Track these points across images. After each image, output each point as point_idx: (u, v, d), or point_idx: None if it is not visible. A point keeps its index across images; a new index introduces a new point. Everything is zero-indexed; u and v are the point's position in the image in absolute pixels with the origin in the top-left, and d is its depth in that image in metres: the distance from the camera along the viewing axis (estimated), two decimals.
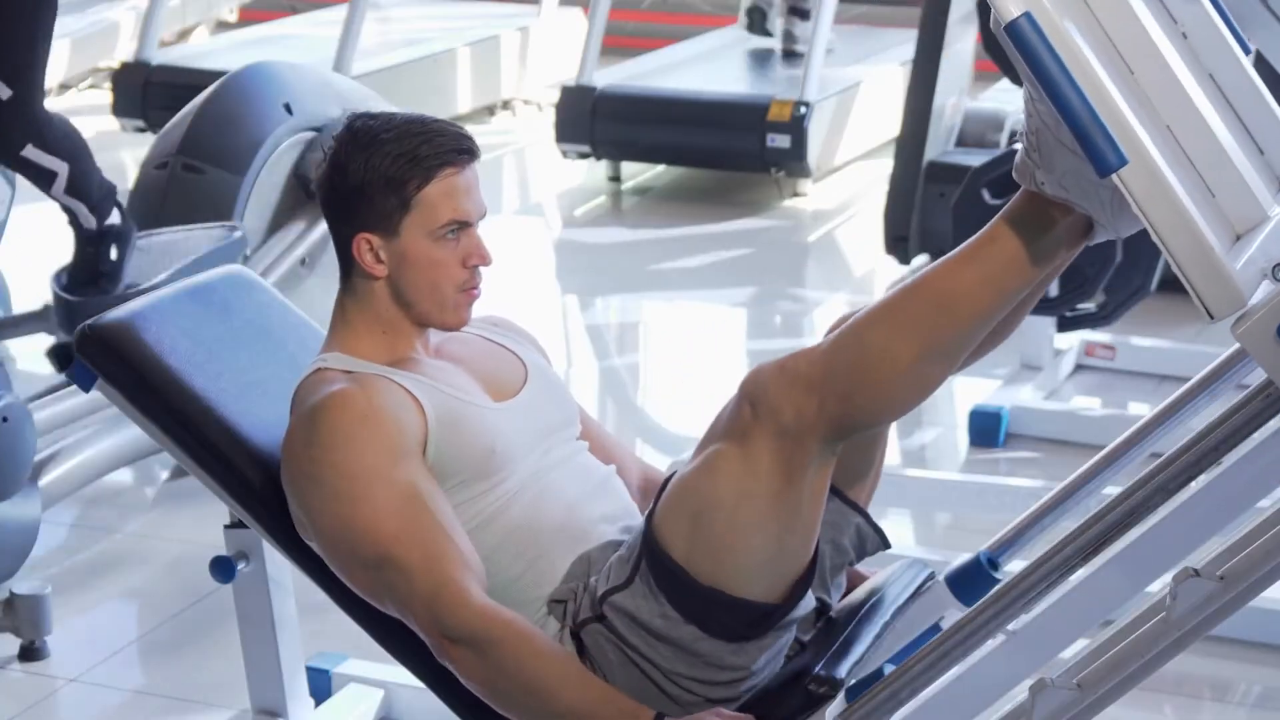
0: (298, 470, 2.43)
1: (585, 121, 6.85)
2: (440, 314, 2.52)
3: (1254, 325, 2.03)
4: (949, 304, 2.22)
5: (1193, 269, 2.03)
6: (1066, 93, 1.99)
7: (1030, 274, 2.24)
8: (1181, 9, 2.33)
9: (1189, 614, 2.08)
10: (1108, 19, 2.15)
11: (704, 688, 2.38)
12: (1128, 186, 2.03)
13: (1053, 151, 2.16)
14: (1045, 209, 2.21)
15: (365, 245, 2.49)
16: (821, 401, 2.23)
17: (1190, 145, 2.17)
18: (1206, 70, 2.32)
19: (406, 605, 2.38)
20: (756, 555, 2.30)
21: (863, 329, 2.25)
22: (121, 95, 7.10)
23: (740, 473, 2.27)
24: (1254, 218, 2.18)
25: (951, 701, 2.38)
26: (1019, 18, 1.98)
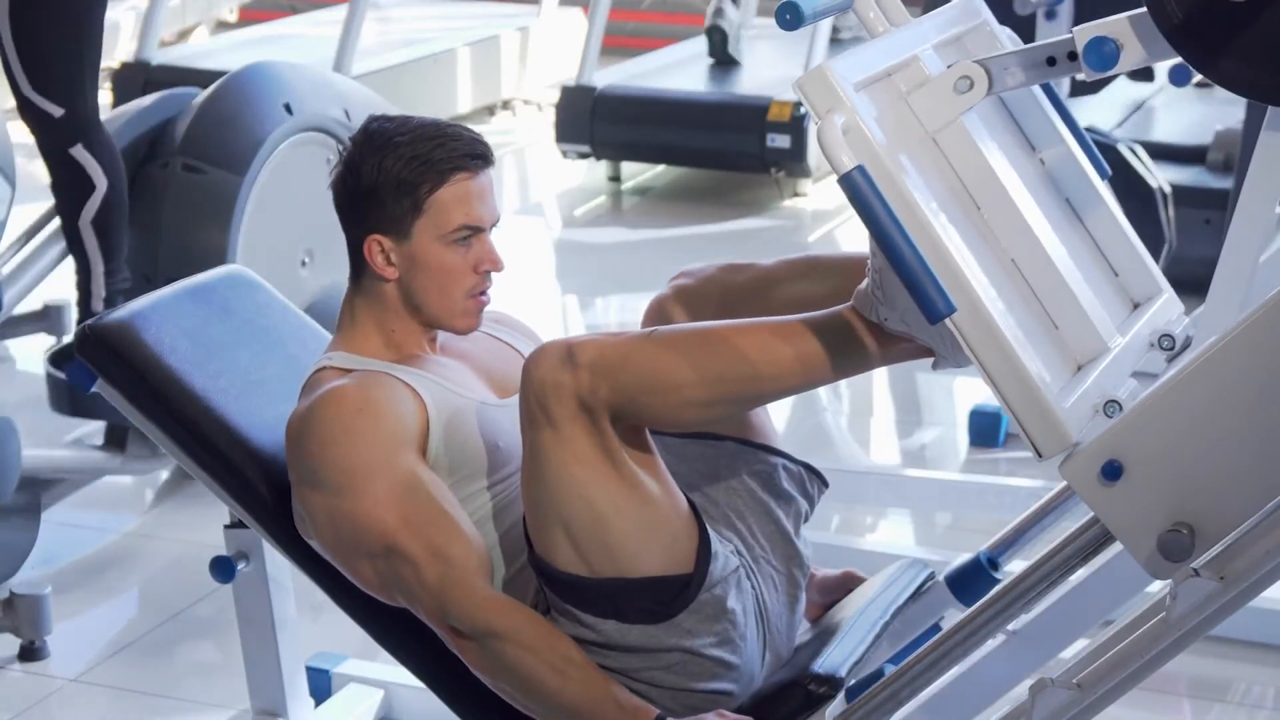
0: (298, 467, 2.44)
1: (585, 121, 6.85)
2: (450, 318, 2.52)
3: (1079, 465, 2.08)
4: (756, 370, 2.25)
5: (1021, 410, 2.10)
6: (898, 244, 2.03)
7: (840, 376, 2.30)
8: (1039, 137, 2.42)
9: (1189, 614, 2.08)
10: (955, 157, 2.24)
11: (666, 676, 2.37)
12: (959, 330, 2.09)
13: (896, 291, 2.20)
14: (876, 333, 2.26)
15: (377, 247, 2.49)
16: (596, 389, 2.25)
17: (1034, 278, 2.25)
18: (1064, 196, 2.37)
19: (412, 596, 2.38)
20: (630, 532, 2.30)
21: (668, 349, 2.27)
22: (121, 95, 7.10)
23: (566, 463, 2.27)
24: (1095, 349, 2.26)
25: (951, 701, 2.38)
26: (852, 171, 2.03)
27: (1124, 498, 2.06)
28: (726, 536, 2.44)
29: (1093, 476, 2.07)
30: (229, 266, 2.92)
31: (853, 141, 2.06)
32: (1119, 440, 2.06)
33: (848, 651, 2.45)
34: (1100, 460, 2.06)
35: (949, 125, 2.23)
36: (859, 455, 4.65)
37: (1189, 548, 2.05)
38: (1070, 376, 2.22)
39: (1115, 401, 2.14)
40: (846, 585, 2.71)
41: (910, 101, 2.23)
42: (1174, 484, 2.05)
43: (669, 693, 2.37)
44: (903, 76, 2.23)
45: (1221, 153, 5.63)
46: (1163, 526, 2.06)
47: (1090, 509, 2.13)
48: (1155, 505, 2.06)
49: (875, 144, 2.08)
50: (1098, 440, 2.07)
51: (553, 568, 2.33)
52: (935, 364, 2.28)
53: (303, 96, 4.40)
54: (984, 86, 2.20)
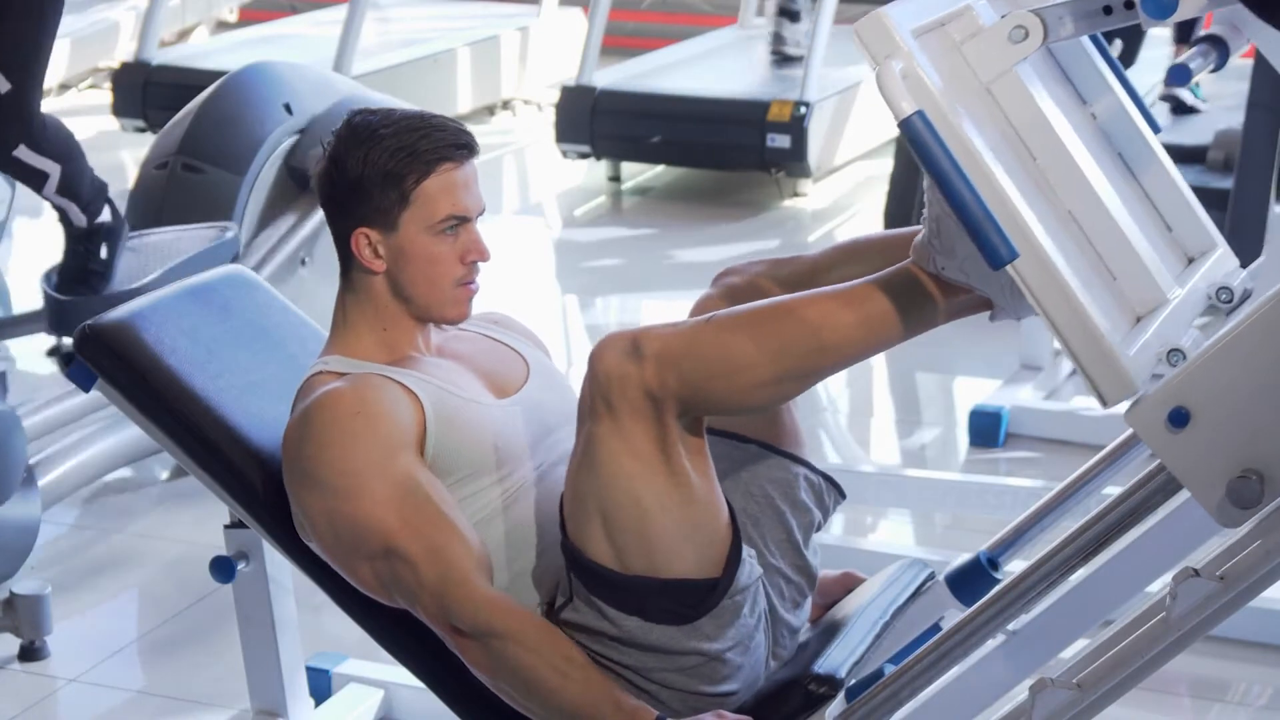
0: (295, 470, 2.44)
1: (585, 121, 6.85)
2: (439, 309, 2.52)
3: (1144, 412, 2.07)
4: (820, 340, 2.24)
5: (1085, 358, 2.09)
6: (959, 189, 2.02)
7: (909, 334, 2.28)
8: (1091, 91, 2.39)
9: (1189, 614, 2.08)
10: (1010, 107, 2.21)
11: (679, 678, 2.37)
12: (1022, 278, 2.08)
13: (954, 238, 2.19)
14: (933, 285, 2.25)
15: (364, 240, 2.49)
16: (665, 379, 2.24)
17: (1092, 229, 2.22)
18: (1116, 150, 2.36)
19: (413, 597, 2.38)
20: (672, 532, 2.30)
21: (730, 331, 2.26)
22: (121, 95, 7.11)
23: (620, 457, 2.27)
24: (1154, 300, 2.24)
25: (951, 701, 2.38)
26: (911, 115, 2.02)
27: (1191, 445, 2.05)
28: None
29: (1159, 423, 2.05)
30: (229, 266, 2.92)
31: (911, 87, 2.04)
32: (1186, 387, 2.04)
33: (848, 651, 2.45)
34: (1167, 407, 2.05)
35: (1003, 75, 2.19)
36: (859, 455, 4.65)
37: (1259, 494, 2.03)
38: (1130, 328, 2.19)
39: (1179, 350, 2.12)
40: (846, 585, 2.71)
41: (964, 51, 2.20)
42: (1242, 430, 2.03)
43: (678, 694, 2.37)
44: (956, 26, 2.20)
45: (1221, 152, 5.63)
46: (1231, 473, 2.04)
47: (1155, 458, 2.11)
48: (1223, 452, 2.04)
49: (934, 89, 2.06)
50: (1164, 387, 2.05)
51: (585, 556, 2.33)
52: (993, 315, 2.27)
53: (303, 96, 4.40)
54: (1039, 36, 2.16)
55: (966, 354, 5.02)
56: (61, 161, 4.00)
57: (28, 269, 5.23)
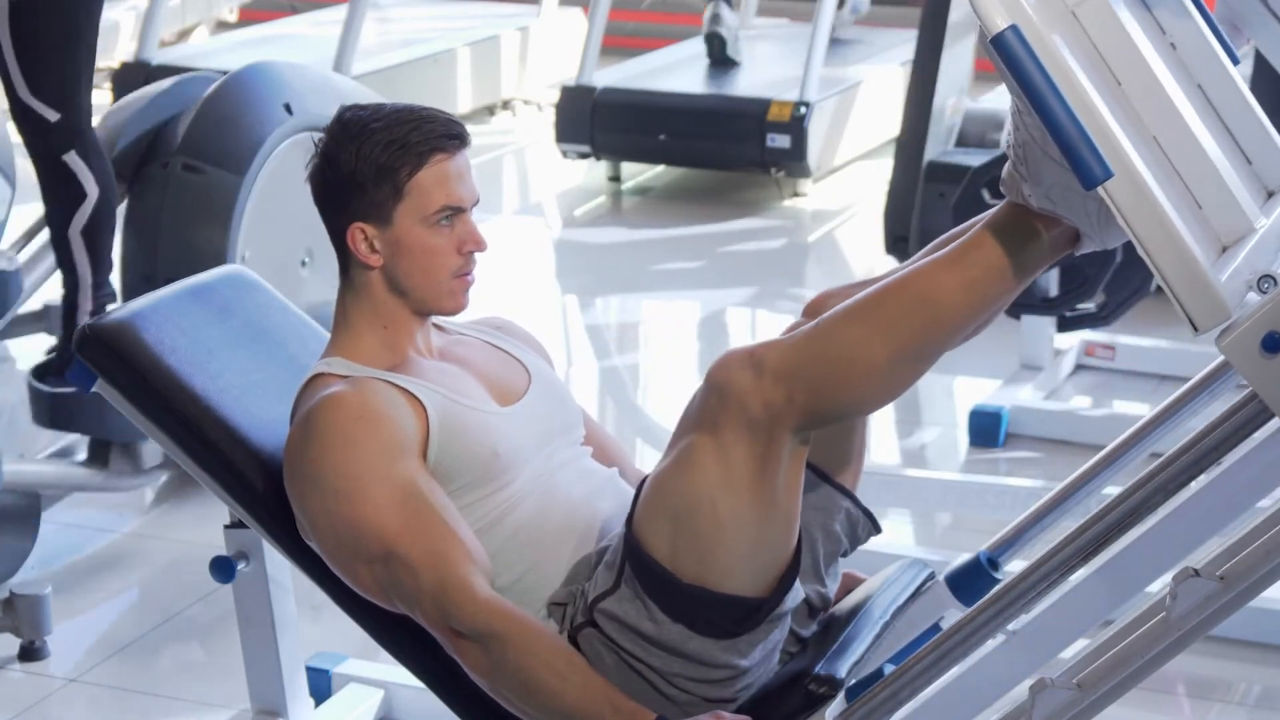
0: (297, 474, 2.43)
1: (585, 121, 6.85)
2: (436, 300, 2.52)
3: (1238, 338, 2.05)
4: (929, 308, 2.22)
5: (1178, 282, 2.05)
6: (1053, 106, 2.00)
7: (1013, 282, 2.24)
8: (1171, 21, 2.34)
9: (1189, 614, 2.08)
10: (1095, 31, 2.16)
11: (700, 686, 2.37)
12: (1113, 199, 2.04)
13: (1040, 164, 2.16)
14: (1030, 220, 2.21)
15: (360, 235, 2.49)
16: (790, 393, 2.23)
17: (1177, 157, 2.18)
18: (1195, 81, 2.33)
19: (413, 602, 2.38)
20: (739, 550, 2.29)
21: (839, 324, 2.24)
22: (121, 95, 7.09)
23: (715, 468, 2.26)
24: (1240, 229, 2.20)
25: (951, 701, 2.38)
26: (1005, 30, 1.99)
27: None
28: None
29: (1253, 349, 2.03)
30: (229, 266, 2.92)
31: (1006, 1, 2.01)
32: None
33: (848, 651, 2.45)
34: (1261, 332, 2.02)
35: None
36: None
37: None
38: (1218, 256, 2.16)
39: (1270, 276, 2.09)
40: (846, 585, 2.71)
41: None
42: None
43: (694, 700, 2.38)
44: None
45: None
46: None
47: (1248, 384, 2.08)
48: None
49: (1028, 6, 2.03)
50: (1259, 312, 2.03)
51: (644, 551, 2.32)
52: (1079, 246, 2.23)
53: (303, 96, 4.40)
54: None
55: (966, 354, 5.00)
56: (101, 190, 3.96)
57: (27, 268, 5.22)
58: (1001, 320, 2.57)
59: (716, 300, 5.81)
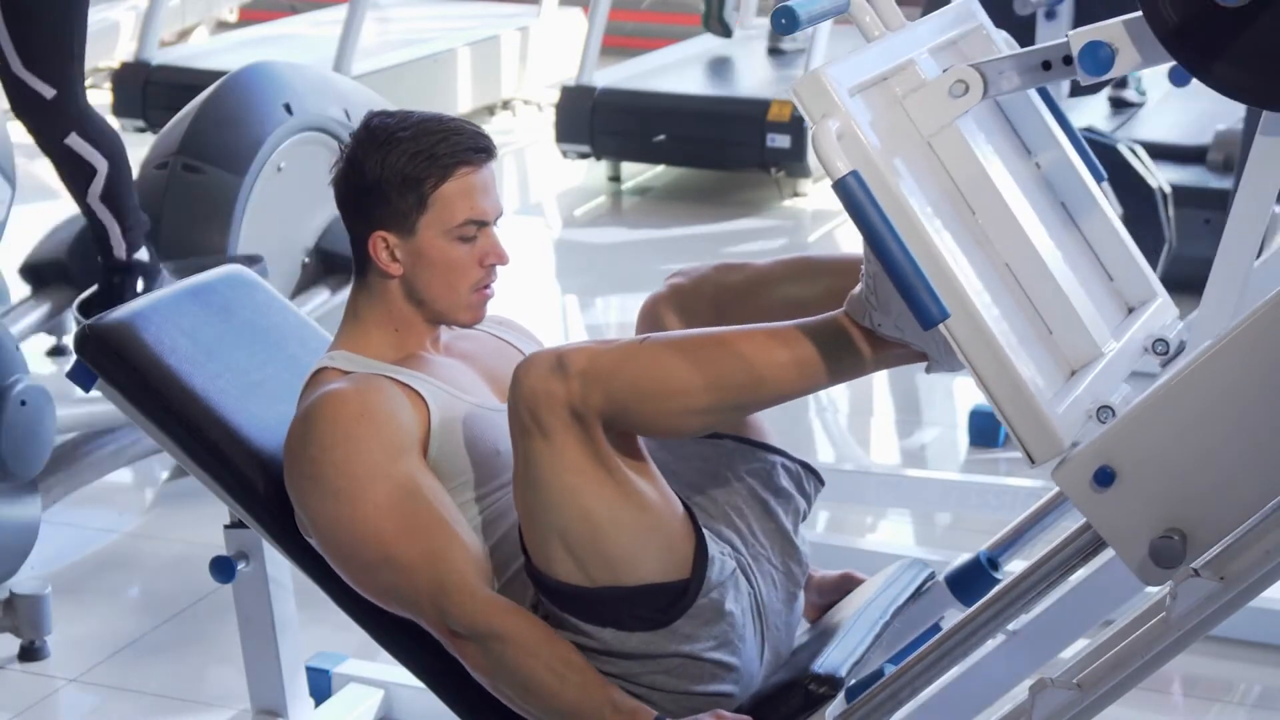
0: (297, 471, 2.44)
1: (585, 121, 6.85)
2: (454, 312, 2.52)
3: (1071, 470, 2.08)
4: (755, 376, 2.24)
5: (1014, 415, 2.09)
6: (892, 249, 2.03)
7: (839, 380, 2.29)
8: (1035, 141, 2.41)
9: (1189, 614, 2.08)
10: (950, 161, 2.24)
11: (666, 680, 2.37)
12: (953, 335, 2.09)
13: (890, 296, 2.19)
14: (871, 339, 2.25)
15: (381, 244, 2.49)
16: (588, 394, 2.23)
17: (1029, 283, 2.24)
18: (1060, 200, 2.38)
19: (412, 601, 2.38)
20: (628, 540, 2.29)
21: (665, 356, 2.25)
22: (121, 95, 7.11)
23: (559, 473, 2.26)
24: (1089, 354, 2.25)
25: (951, 701, 2.38)
26: (846, 176, 2.03)
27: (1116, 504, 2.07)
28: (726, 535, 2.44)
29: (1085, 482, 2.07)
30: (229, 266, 2.92)
31: (847, 147, 2.06)
32: (1111, 446, 2.06)
33: (848, 651, 2.45)
34: (1093, 466, 2.07)
35: (944, 129, 2.23)
36: (859, 455, 4.65)
37: (1180, 554, 2.05)
38: (1064, 382, 2.21)
39: (1108, 407, 2.14)
40: (845, 587, 2.71)
41: (906, 105, 2.23)
42: (1166, 490, 2.05)
43: (670, 695, 2.37)
44: (898, 80, 2.23)
45: (1221, 153, 5.62)
46: (1155, 533, 2.06)
47: (1082, 515, 2.13)
48: (1147, 511, 2.06)
49: (870, 149, 2.08)
50: (1090, 446, 2.07)
51: (551, 578, 2.33)
52: (929, 368, 2.28)
53: (303, 96, 4.40)
54: (979, 91, 2.20)
55: None
56: (110, 160, 4.00)
57: None
58: None
59: None
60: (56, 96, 3.92)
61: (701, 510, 2.43)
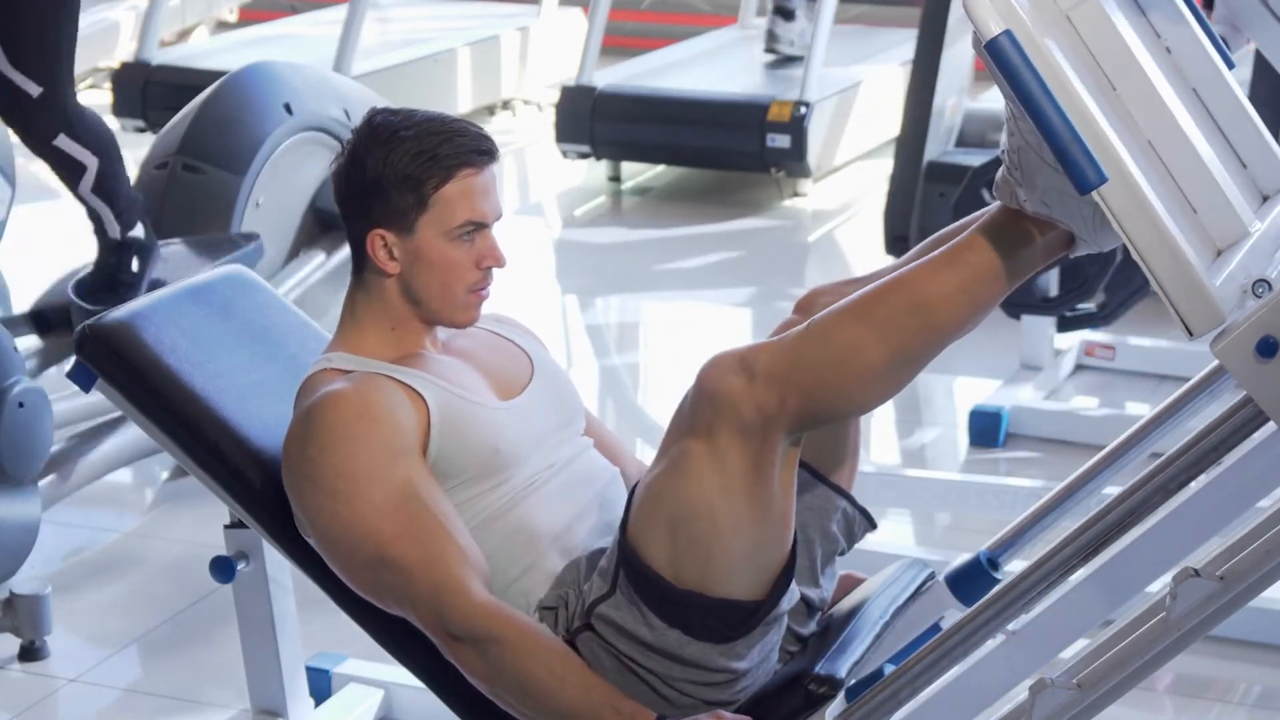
0: (296, 472, 2.43)
1: (585, 121, 6.85)
2: (450, 313, 2.52)
3: (1232, 342, 2.04)
4: (924, 311, 2.21)
5: (1172, 286, 2.05)
6: (1047, 111, 2.00)
7: (1007, 285, 2.24)
8: (1166, 25, 2.34)
9: (1189, 614, 2.08)
10: (1090, 36, 2.16)
11: (698, 689, 2.37)
12: (1108, 204, 2.04)
13: (1034, 169, 2.16)
14: (1024, 224, 2.21)
15: (379, 242, 2.48)
16: (783, 396, 2.22)
17: (1172, 161, 2.18)
18: (1190, 86, 2.33)
19: (409, 604, 2.38)
20: (737, 554, 2.29)
21: (832, 326, 2.23)
22: (121, 95, 7.10)
23: (711, 474, 2.25)
24: (1235, 233, 2.20)
25: (951, 701, 2.38)
26: (999, 35, 1.99)
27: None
28: None
29: (1248, 354, 2.03)
30: (229, 267, 2.92)
31: (1000, 7, 2.01)
32: (1275, 316, 2.02)
33: (848, 651, 2.45)
34: (1255, 336, 2.02)
35: (1083, 2, 2.16)
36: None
37: None
38: (1212, 261, 2.16)
39: (1265, 281, 2.09)
40: (846, 586, 2.71)
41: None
42: None
43: (695, 703, 2.38)
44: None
45: None
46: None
47: (1242, 389, 2.09)
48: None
49: (1021, 10, 2.03)
50: (1253, 316, 2.03)
51: (640, 558, 2.32)
52: (1074, 249, 2.23)
53: (303, 96, 4.40)
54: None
55: (966, 354, 5.01)
56: (100, 155, 3.98)
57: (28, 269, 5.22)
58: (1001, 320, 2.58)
59: (716, 300, 5.81)
60: (43, 94, 3.88)
61: None
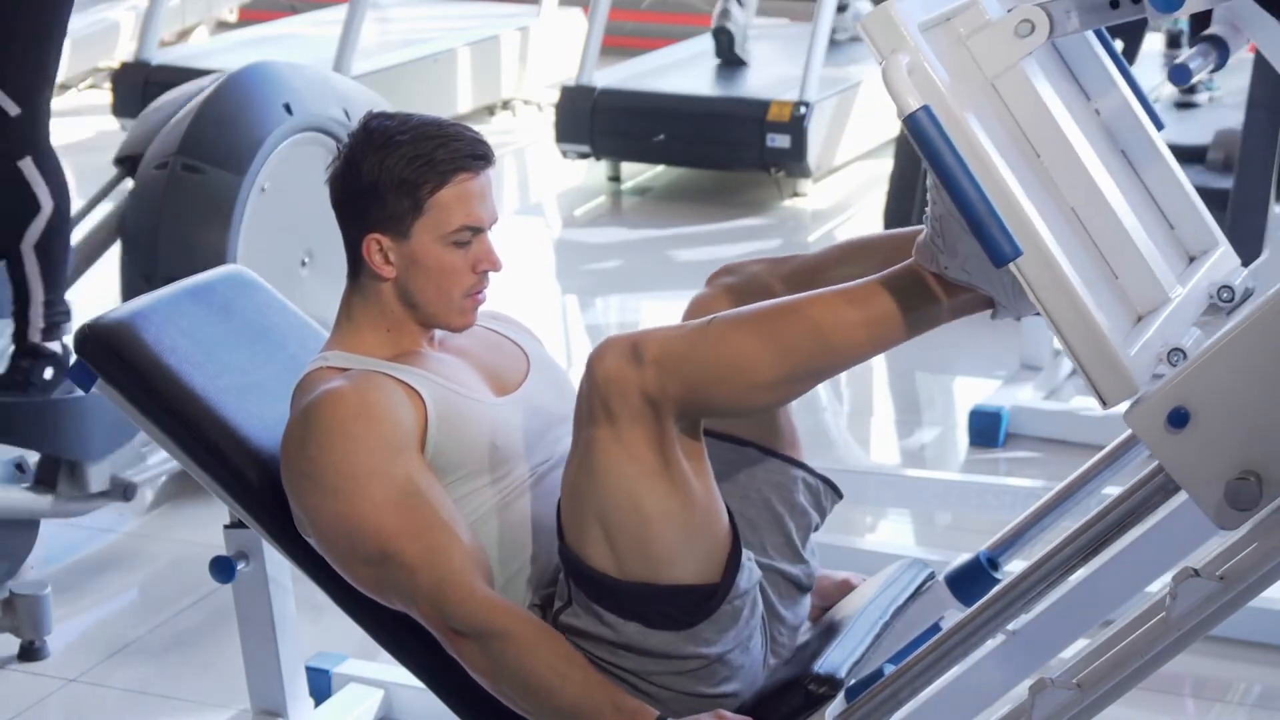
0: (295, 470, 2.43)
1: (585, 121, 6.85)
2: (446, 317, 2.52)
3: (1144, 413, 2.07)
4: (825, 339, 2.24)
5: (1086, 357, 2.08)
6: (964, 185, 2.02)
7: (912, 334, 2.27)
8: (1095, 87, 2.38)
9: (1189, 614, 2.08)
10: (1015, 104, 2.21)
11: (678, 680, 2.37)
12: (1024, 275, 2.07)
13: (956, 237, 2.18)
14: (935, 284, 2.24)
15: (375, 246, 2.49)
16: (665, 384, 2.23)
17: (1095, 227, 2.22)
18: (1119, 147, 2.36)
19: (410, 600, 2.38)
20: (671, 538, 2.29)
21: (733, 332, 2.25)
22: (121, 95, 7.10)
23: (619, 461, 2.26)
24: (1156, 299, 2.24)
25: (951, 701, 2.38)
26: (917, 111, 2.01)
27: (1191, 446, 2.05)
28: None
29: (1159, 424, 2.05)
30: (229, 266, 2.92)
31: (918, 81, 2.04)
32: (1186, 387, 2.04)
33: (848, 651, 2.45)
34: (1167, 407, 2.04)
35: (1009, 70, 2.19)
36: (859, 455, 4.65)
37: (1257, 496, 2.03)
38: (1132, 327, 2.19)
39: (1180, 350, 2.12)
40: (846, 587, 2.71)
41: (970, 46, 2.20)
42: (1242, 431, 2.03)
43: (677, 695, 2.37)
44: (963, 20, 2.20)
45: (1221, 153, 5.62)
46: (1230, 474, 2.04)
47: (1153, 459, 2.11)
48: (1222, 453, 2.04)
49: (940, 84, 2.05)
50: (1164, 387, 2.05)
51: (584, 563, 2.33)
52: (995, 314, 2.26)
53: (303, 96, 4.40)
54: (1045, 30, 2.16)
55: (966, 354, 5.02)
56: (57, 201, 3.78)
57: None
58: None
59: None
60: (20, 115, 3.73)
61: None
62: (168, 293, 2.74)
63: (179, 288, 2.77)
